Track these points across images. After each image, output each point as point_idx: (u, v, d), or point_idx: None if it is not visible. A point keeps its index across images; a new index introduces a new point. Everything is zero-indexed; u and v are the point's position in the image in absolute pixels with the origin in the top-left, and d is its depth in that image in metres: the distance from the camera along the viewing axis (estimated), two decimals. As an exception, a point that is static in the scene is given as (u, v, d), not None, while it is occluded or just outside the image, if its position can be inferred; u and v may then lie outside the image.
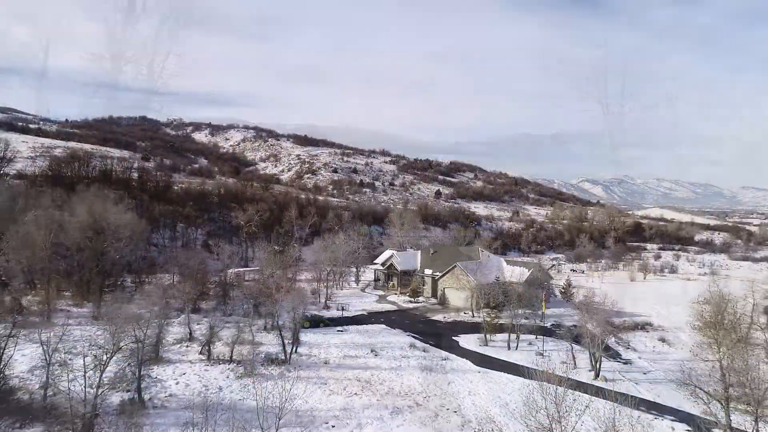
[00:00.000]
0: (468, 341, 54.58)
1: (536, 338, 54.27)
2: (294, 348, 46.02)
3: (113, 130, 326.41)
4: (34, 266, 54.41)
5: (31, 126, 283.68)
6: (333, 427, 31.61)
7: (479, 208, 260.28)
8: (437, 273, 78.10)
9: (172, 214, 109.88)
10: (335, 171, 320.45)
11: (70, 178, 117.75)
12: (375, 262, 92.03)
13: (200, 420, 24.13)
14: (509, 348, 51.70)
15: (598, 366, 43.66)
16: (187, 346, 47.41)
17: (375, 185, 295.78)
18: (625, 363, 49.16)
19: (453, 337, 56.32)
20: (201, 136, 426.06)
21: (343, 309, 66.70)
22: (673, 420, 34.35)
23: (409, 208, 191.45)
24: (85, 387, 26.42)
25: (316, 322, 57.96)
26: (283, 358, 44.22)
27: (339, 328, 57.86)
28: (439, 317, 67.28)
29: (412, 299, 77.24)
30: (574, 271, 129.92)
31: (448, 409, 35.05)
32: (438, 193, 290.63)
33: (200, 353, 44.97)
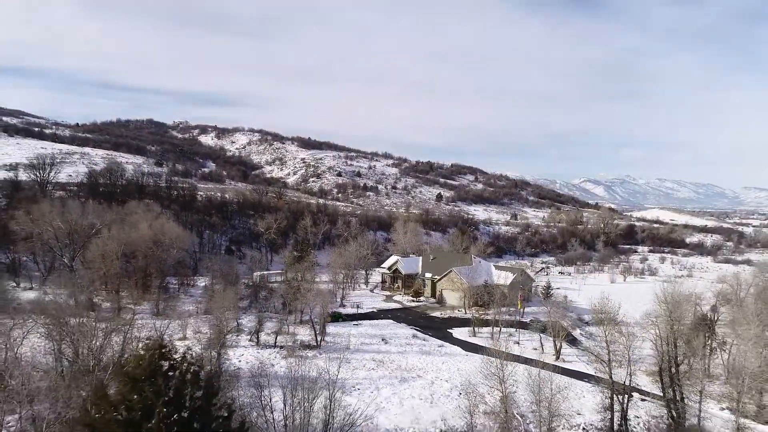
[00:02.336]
0: (460, 333, 67.35)
1: (515, 331, 66.91)
2: (322, 337, 58.70)
3: (123, 134, 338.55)
4: (109, 272, 67.02)
5: (46, 131, 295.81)
6: (359, 389, 44.28)
7: (478, 211, 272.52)
8: (436, 276, 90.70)
9: (199, 223, 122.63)
10: (339, 174, 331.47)
11: (106, 186, 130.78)
12: (382, 266, 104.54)
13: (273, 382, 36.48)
14: (492, 338, 64.25)
15: (558, 350, 56.33)
16: (237, 335, 59.98)
17: (378, 189, 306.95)
18: (584, 350, 61.62)
19: (448, 330, 69.12)
20: (207, 139, 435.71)
21: (358, 307, 79.32)
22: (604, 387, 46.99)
23: (411, 212, 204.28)
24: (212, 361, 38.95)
25: (336, 318, 70.61)
26: (314, 344, 56.90)
27: (355, 322, 70.55)
28: (437, 314, 79.93)
29: (415, 299, 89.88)
30: (561, 273, 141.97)
31: (441, 379, 47.90)
32: (439, 197, 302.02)
33: (250, 340, 57.73)
